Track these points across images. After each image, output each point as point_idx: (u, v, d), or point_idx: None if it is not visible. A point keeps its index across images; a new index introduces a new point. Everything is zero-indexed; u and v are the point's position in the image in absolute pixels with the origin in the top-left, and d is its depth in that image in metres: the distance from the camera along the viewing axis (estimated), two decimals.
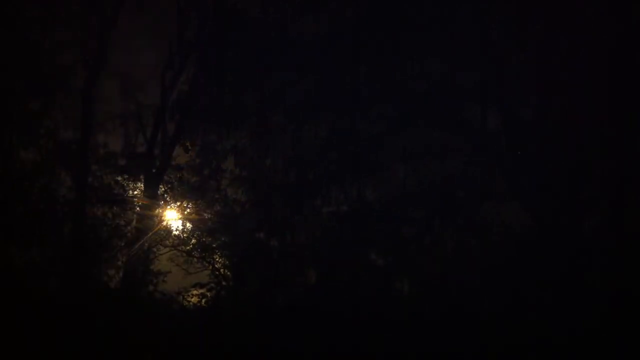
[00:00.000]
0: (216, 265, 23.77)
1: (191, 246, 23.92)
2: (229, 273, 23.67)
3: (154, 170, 23.04)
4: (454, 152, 21.58)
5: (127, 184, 23.27)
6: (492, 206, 21.56)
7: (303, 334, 20.47)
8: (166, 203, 23.51)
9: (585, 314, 18.83)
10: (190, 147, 23.73)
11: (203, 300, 23.31)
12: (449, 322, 19.86)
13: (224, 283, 23.50)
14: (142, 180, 23.13)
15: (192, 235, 23.93)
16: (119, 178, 23.15)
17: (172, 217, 23.73)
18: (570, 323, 18.85)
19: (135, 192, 23.28)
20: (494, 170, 21.55)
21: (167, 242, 23.74)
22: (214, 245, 23.91)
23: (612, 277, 19.32)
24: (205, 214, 23.86)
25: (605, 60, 20.14)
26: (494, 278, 20.40)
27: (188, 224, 23.93)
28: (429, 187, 21.78)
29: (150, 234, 22.95)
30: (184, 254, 24.01)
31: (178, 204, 23.77)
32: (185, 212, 23.79)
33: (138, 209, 23.01)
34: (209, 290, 23.42)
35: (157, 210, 23.19)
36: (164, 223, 23.55)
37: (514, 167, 21.17)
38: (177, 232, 23.87)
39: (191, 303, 23.29)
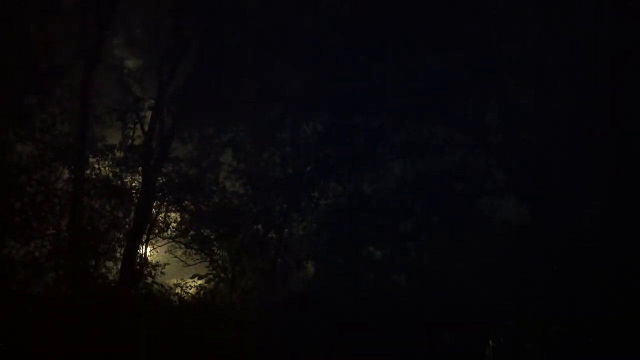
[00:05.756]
0: (214, 257, 23.77)
1: (190, 238, 23.91)
2: (227, 265, 23.67)
3: (152, 163, 22.92)
4: (452, 147, 21.59)
5: (125, 177, 23.17)
6: (490, 200, 21.64)
7: (301, 327, 20.58)
8: (164, 195, 23.45)
9: (583, 309, 18.93)
10: (188, 140, 23.62)
11: (202, 292, 23.39)
12: (447, 315, 19.99)
13: (222, 275, 23.53)
14: (140, 172, 23.03)
15: (191, 228, 23.90)
16: (117, 171, 23.04)
17: (171, 209, 23.71)
18: (567, 317, 18.98)
19: (134, 185, 23.20)
20: (492, 164, 21.58)
21: (166, 234, 23.71)
22: (213, 237, 23.90)
23: (611, 271, 19.37)
24: (204, 206, 23.83)
25: (604, 54, 20.10)
26: (492, 272, 20.49)
27: (186, 216, 23.88)
28: (427, 182, 21.78)
29: (149, 226, 22.94)
30: (183, 246, 24.03)
31: (176, 196, 23.69)
32: (184, 204, 23.73)
33: (136, 201, 22.93)
34: (207, 282, 23.48)
35: (155, 203, 23.18)
36: (162, 215, 23.55)
37: (512, 162, 21.19)
38: (175, 224, 23.84)
39: (190, 295, 23.36)
